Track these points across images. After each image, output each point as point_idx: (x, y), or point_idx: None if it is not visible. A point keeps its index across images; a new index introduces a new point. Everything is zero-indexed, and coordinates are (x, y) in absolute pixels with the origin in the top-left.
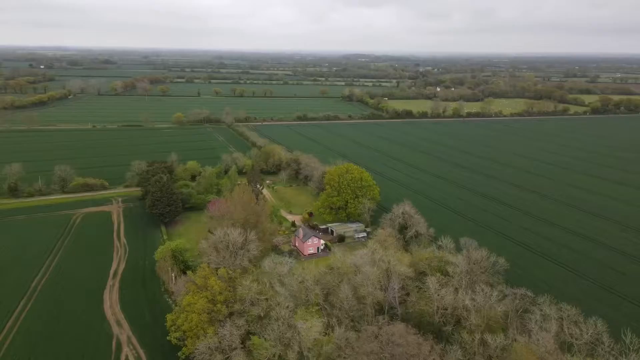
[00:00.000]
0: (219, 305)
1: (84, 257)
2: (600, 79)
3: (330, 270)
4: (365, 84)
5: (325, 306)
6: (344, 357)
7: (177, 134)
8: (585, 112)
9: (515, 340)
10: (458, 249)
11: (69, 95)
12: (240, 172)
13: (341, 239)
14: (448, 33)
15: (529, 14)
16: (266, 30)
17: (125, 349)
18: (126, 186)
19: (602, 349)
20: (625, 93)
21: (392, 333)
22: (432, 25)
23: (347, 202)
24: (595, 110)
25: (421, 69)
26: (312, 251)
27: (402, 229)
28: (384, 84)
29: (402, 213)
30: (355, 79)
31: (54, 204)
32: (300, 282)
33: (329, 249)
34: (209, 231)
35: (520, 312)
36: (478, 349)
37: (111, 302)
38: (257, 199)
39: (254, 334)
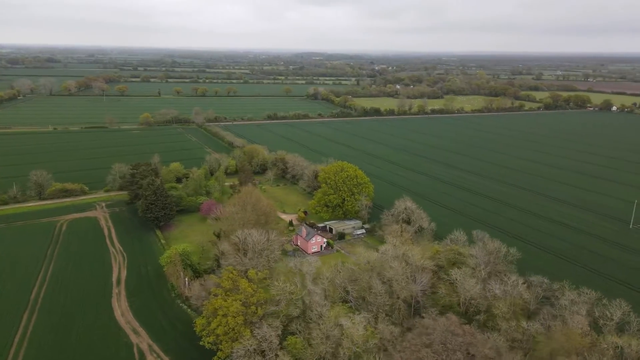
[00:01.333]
0: (253, 307)
1: (80, 265)
2: (544, 76)
3: (357, 266)
4: (326, 82)
5: (357, 302)
6: (400, 351)
7: (147, 135)
8: (539, 108)
9: (549, 325)
10: (466, 242)
11: (19, 96)
12: (224, 173)
13: (341, 236)
14: (399, 32)
15: (475, 15)
16: (217, 28)
17: (150, 358)
18: (107, 190)
19: (630, 328)
20: (570, 89)
21: (448, 324)
22: (383, 24)
23: (343, 199)
24: (547, 106)
25: (376, 67)
26: (315, 249)
27: (405, 223)
28: (343, 82)
29: (405, 208)
30: (315, 78)
31: (33, 212)
32: (329, 281)
33: (331, 247)
34: (214, 234)
35: (541, 298)
36: (516, 334)
37: (122, 311)
38: None
39: (293, 334)
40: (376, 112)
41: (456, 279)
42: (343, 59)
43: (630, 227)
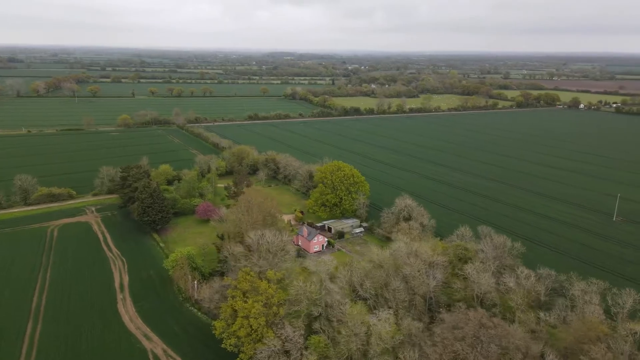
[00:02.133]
0: (274, 308)
1: (79, 272)
2: (512, 75)
3: (371, 264)
4: (301, 82)
5: (375, 300)
6: (433, 345)
7: (128, 137)
8: (511, 106)
9: (564, 316)
10: (472, 237)
11: None
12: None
13: (340, 235)
14: (368, 32)
15: (444, 16)
16: (186, 27)
17: None
18: (95, 194)
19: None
20: (538, 88)
21: (479, 317)
22: (353, 24)
23: (341, 198)
24: (519, 104)
25: (349, 67)
26: (317, 249)
27: (406, 221)
28: (318, 82)
29: (405, 206)
30: (290, 78)
31: (20, 217)
32: (346, 279)
33: (332, 246)
34: (218, 235)
35: (550, 289)
36: (533, 325)
37: (130, 316)
38: None
39: (315, 334)
40: (356, 111)
41: (469, 274)
42: (314, 59)
43: (614, 219)
